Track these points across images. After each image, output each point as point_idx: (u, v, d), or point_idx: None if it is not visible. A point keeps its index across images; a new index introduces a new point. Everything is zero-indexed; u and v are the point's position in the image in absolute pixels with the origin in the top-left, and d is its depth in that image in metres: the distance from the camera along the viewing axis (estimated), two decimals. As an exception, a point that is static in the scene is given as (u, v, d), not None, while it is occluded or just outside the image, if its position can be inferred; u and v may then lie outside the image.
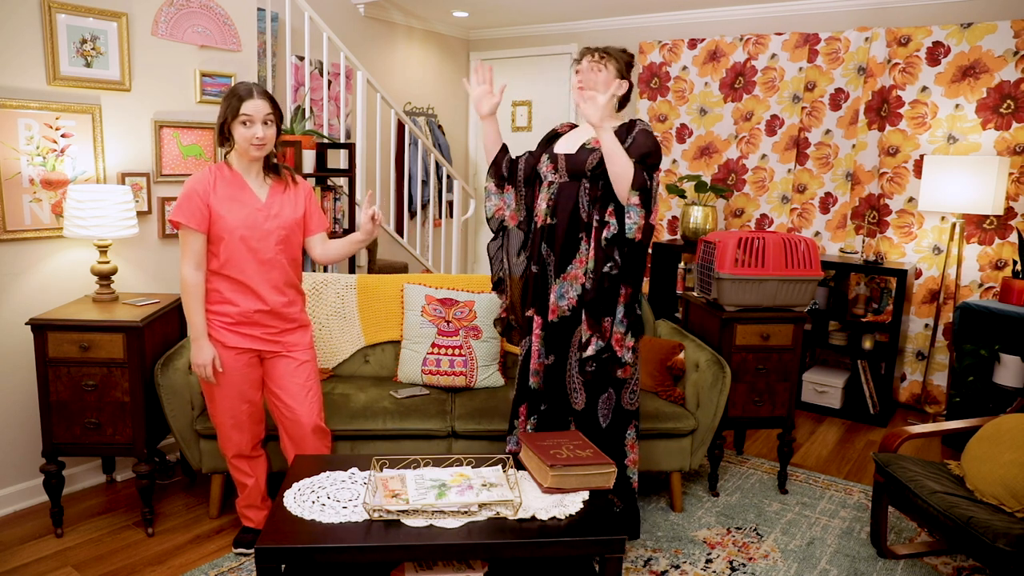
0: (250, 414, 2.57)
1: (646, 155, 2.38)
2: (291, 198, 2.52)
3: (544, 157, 2.61)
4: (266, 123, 2.37)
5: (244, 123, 2.34)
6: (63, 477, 2.74)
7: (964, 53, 4.18)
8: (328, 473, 2.16)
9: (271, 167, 2.50)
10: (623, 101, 2.59)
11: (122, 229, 2.85)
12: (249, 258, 2.43)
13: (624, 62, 2.54)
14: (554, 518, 1.94)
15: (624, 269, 2.45)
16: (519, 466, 2.25)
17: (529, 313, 2.61)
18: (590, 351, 2.43)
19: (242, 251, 2.42)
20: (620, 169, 2.34)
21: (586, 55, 2.53)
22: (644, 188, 2.36)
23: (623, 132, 2.47)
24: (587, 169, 2.46)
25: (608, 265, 2.43)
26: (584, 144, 2.51)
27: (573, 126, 2.72)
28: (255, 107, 2.34)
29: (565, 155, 2.53)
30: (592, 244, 2.46)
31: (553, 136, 2.71)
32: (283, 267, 2.51)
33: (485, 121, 2.64)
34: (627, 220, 2.37)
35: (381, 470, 2.14)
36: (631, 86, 2.58)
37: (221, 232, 2.39)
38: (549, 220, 2.54)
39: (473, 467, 2.17)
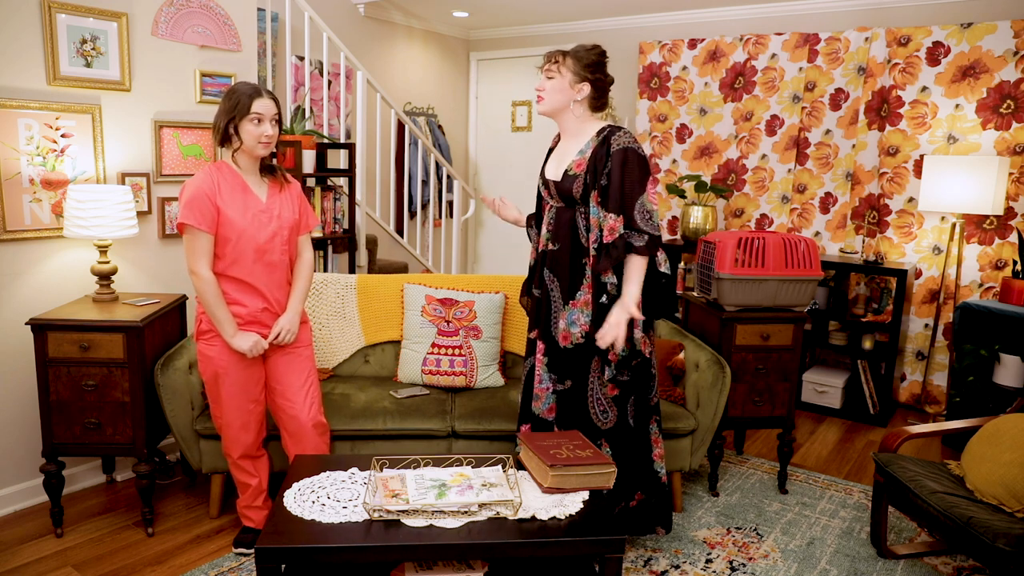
0: (257, 414, 2.58)
1: (629, 207, 2.32)
2: (287, 198, 2.54)
3: (539, 181, 2.60)
4: (272, 122, 2.40)
5: (254, 121, 2.36)
6: (63, 477, 2.74)
7: (964, 53, 4.19)
8: (328, 473, 2.16)
9: (266, 167, 2.51)
10: (596, 100, 2.46)
11: (122, 229, 2.85)
12: (256, 259, 2.44)
13: (588, 61, 2.40)
14: (554, 518, 1.95)
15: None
16: (519, 466, 2.25)
17: (532, 335, 2.61)
18: (618, 351, 2.40)
19: (249, 252, 2.42)
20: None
21: (544, 61, 2.46)
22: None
23: (599, 150, 2.37)
24: (575, 196, 2.42)
25: (604, 297, 2.40)
26: (567, 171, 2.44)
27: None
28: (265, 106, 2.37)
29: (554, 182, 2.49)
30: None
31: (549, 152, 2.66)
32: (284, 266, 2.54)
33: (512, 221, 2.74)
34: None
35: (381, 470, 2.14)
36: (604, 85, 2.45)
37: (228, 234, 2.39)
38: (551, 246, 2.51)
39: (473, 467, 2.18)
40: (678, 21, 5.29)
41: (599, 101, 2.47)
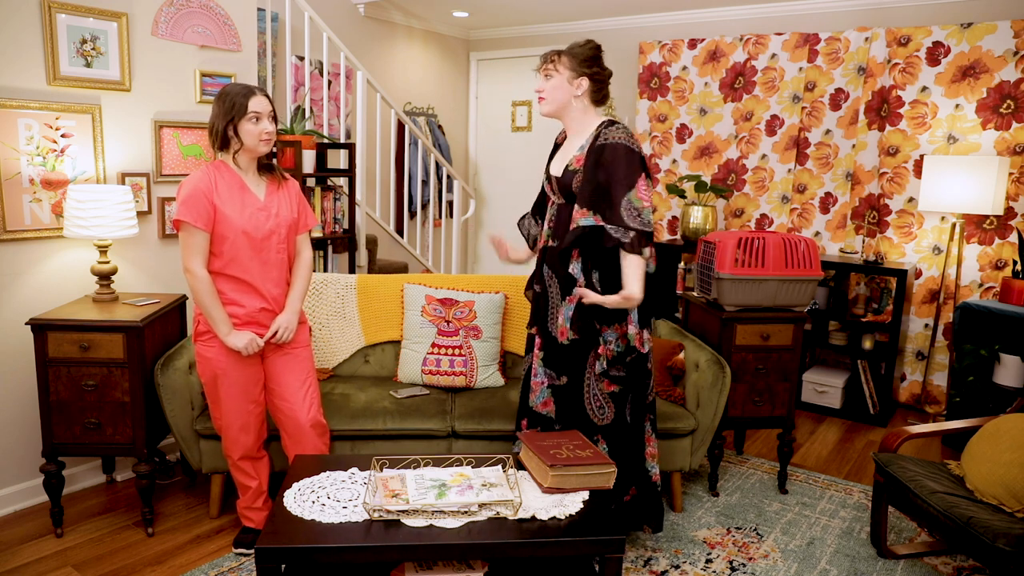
0: (257, 415, 2.58)
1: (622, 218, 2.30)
2: (285, 196, 2.55)
3: (544, 176, 2.60)
4: (269, 119, 2.41)
5: (252, 120, 2.36)
6: (63, 477, 2.74)
7: (964, 53, 4.19)
8: (328, 473, 2.16)
9: (264, 166, 2.52)
10: (597, 94, 2.47)
11: (122, 229, 2.85)
12: (253, 257, 2.44)
13: (584, 56, 2.41)
14: (554, 518, 1.95)
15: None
16: (519, 466, 2.25)
17: (532, 331, 2.61)
18: (610, 350, 2.41)
19: (246, 250, 2.42)
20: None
21: (541, 63, 2.47)
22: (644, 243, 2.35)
23: (593, 144, 2.37)
24: (576, 191, 2.41)
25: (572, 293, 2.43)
26: (567, 166, 2.45)
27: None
28: (261, 104, 2.38)
29: (556, 177, 2.49)
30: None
31: (555, 148, 2.66)
32: (283, 265, 2.54)
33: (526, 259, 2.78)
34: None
35: (381, 470, 2.14)
36: (602, 78, 2.45)
37: (225, 232, 2.39)
38: (551, 242, 2.51)
39: (473, 467, 2.18)
40: (678, 21, 5.29)
41: (599, 94, 2.49)
